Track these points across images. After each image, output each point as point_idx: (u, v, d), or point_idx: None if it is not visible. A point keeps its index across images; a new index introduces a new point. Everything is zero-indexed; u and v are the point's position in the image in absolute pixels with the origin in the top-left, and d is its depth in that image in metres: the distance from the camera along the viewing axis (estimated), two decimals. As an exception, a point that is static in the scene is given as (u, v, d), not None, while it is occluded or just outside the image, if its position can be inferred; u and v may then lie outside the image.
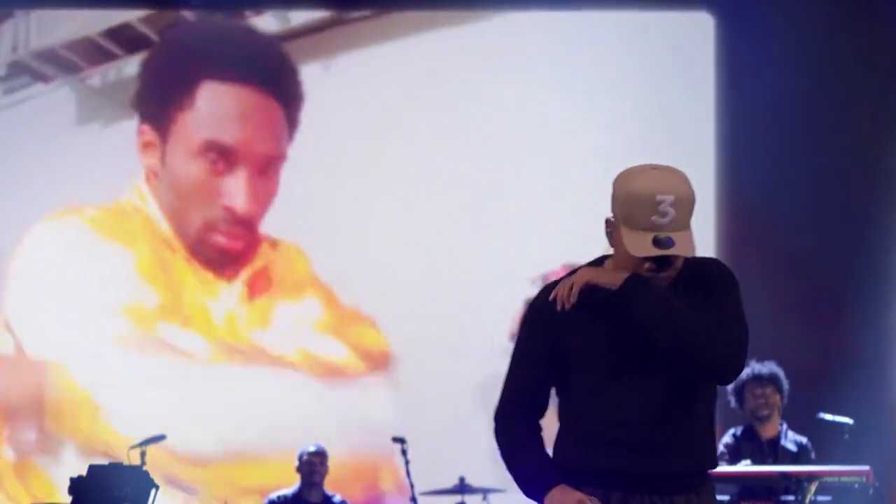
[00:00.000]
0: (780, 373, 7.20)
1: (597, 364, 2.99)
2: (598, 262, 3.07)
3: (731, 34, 8.99)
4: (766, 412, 7.15)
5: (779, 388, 7.16)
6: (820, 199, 8.88)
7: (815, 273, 8.69)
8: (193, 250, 9.10)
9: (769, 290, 7.86)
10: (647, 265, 2.93)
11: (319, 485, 7.56)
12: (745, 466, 6.87)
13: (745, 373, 6.81)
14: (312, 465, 7.54)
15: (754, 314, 3.14)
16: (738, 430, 7.25)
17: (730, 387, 6.83)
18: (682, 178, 2.95)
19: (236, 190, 9.04)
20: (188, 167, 9.11)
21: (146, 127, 9.09)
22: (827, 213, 8.85)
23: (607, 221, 3.00)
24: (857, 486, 6.53)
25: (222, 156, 9.02)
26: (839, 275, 8.77)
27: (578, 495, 2.93)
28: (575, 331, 3.00)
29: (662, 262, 2.94)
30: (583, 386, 3.02)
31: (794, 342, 7.99)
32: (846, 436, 7.27)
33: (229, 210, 9.02)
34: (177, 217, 9.16)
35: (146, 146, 9.14)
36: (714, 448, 3.14)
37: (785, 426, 7.26)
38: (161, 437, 7.38)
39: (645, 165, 2.97)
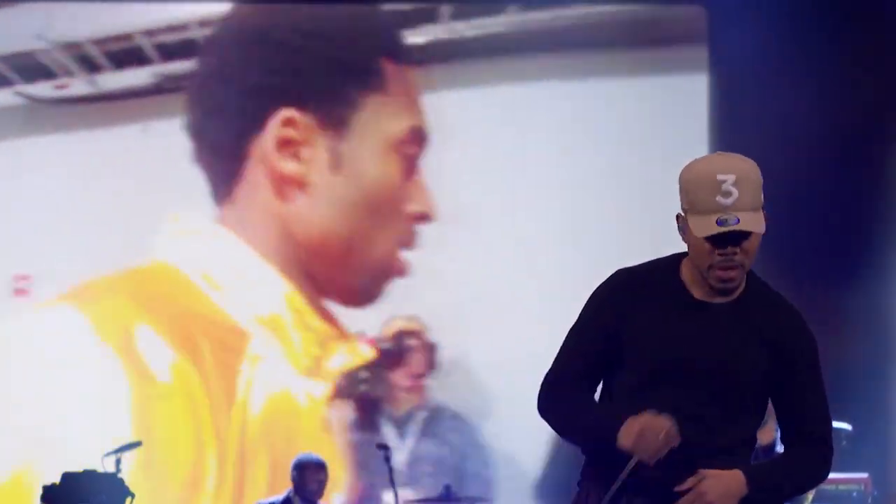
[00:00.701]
0: None
1: (649, 368, 2.90)
2: (676, 261, 2.97)
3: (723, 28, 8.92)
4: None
5: None
6: (818, 201, 8.80)
7: (812, 278, 8.54)
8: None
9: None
10: (717, 252, 2.83)
11: (311, 499, 7.26)
12: (741, 473, 6.70)
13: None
14: (306, 477, 7.27)
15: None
16: None
17: None
18: (745, 159, 2.90)
19: (422, 192, 7.38)
20: (383, 166, 7.25)
21: (296, 114, 6.99)
22: (824, 215, 8.78)
23: (678, 217, 2.93)
24: (855, 494, 6.53)
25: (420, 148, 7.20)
26: (837, 279, 8.66)
27: (655, 417, 2.82)
28: (639, 328, 2.92)
29: (732, 244, 2.83)
30: (628, 387, 2.94)
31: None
32: (844, 442, 7.13)
33: (421, 218, 7.37)
34: (350, 238, 7.21)
35: (289, 144, 7.14)
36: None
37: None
38: (137, 444, 7.19)
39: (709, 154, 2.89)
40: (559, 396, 2.96)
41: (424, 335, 7.78)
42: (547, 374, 2.99)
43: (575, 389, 2.96)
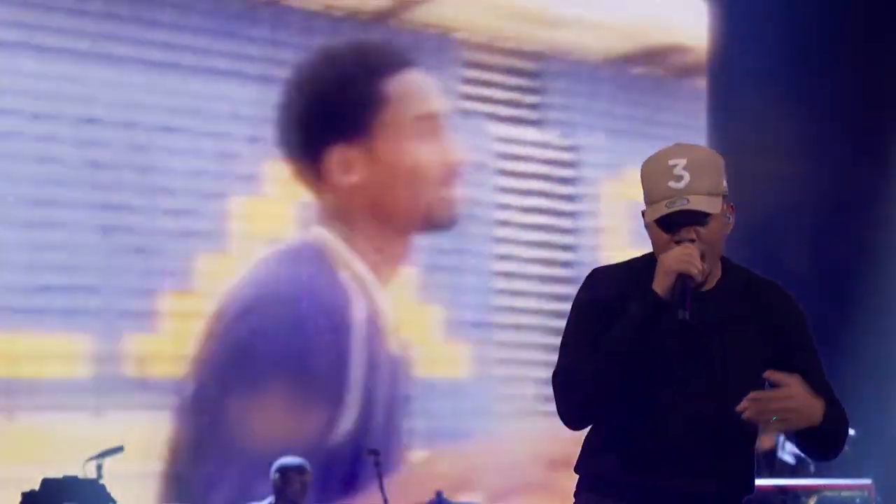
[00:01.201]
0: None
1: (647, 369, 2.78)
2: (652, 257, 2.86)
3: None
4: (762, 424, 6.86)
5: None
6: (821, 201, 8.78)
7: (816, 279, 8.46)
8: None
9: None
10: (673, 240, 2.77)
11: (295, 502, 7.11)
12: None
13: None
14: (288, 481, 7.10)
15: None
16: None
17: None
18: (698, 146, 2.91)
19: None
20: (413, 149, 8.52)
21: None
22: (827, 216, 8.74)
23: (642, 213, 2.86)
24: (858, 500, 6.42)
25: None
26: (840, 281, 8.66)
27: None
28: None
29: (685, 227, 2.76)
30: (625, 389, 2.81)
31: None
32: (847, 447, 7.01)
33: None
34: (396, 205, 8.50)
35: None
36: (753, 475, 2.94)
37: (782, 437, 7.05)
38: (119, 449, 7.01)
39: None
40: (580, 367, 2.79)
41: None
42: (555, 374, 2.84)
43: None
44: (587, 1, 9.12)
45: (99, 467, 6.74)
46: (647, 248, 2.91)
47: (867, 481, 6.51)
